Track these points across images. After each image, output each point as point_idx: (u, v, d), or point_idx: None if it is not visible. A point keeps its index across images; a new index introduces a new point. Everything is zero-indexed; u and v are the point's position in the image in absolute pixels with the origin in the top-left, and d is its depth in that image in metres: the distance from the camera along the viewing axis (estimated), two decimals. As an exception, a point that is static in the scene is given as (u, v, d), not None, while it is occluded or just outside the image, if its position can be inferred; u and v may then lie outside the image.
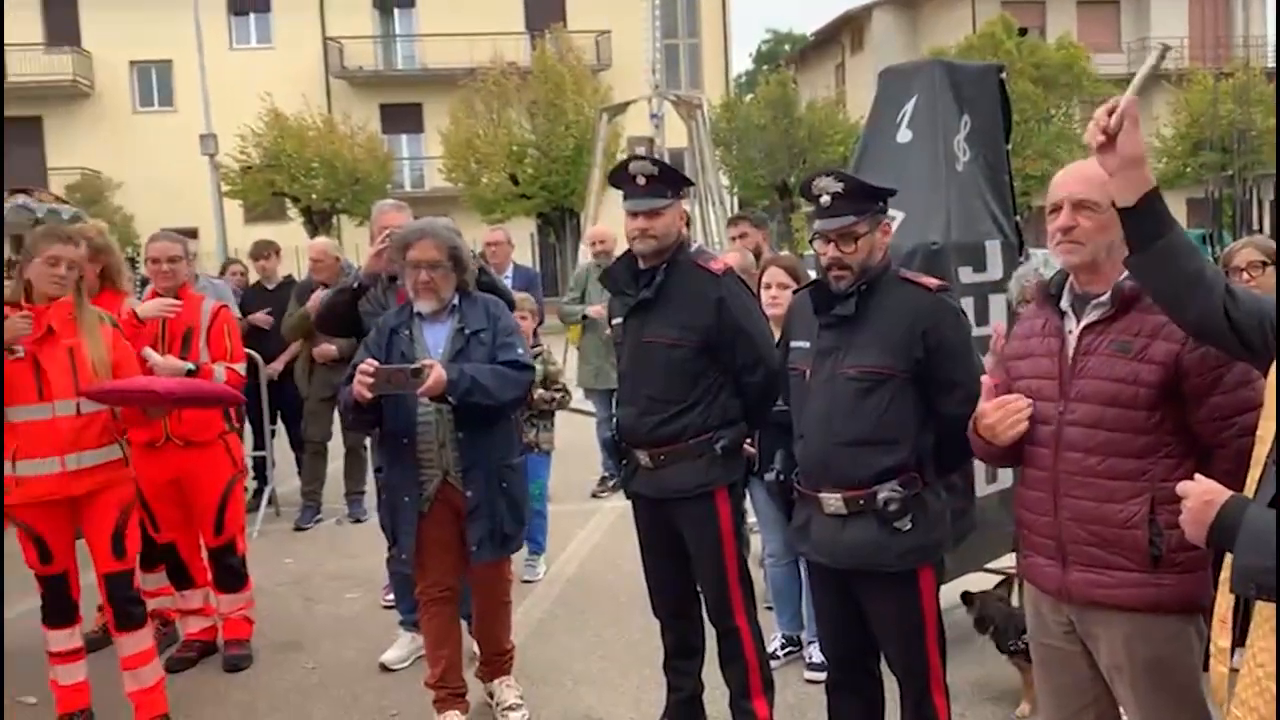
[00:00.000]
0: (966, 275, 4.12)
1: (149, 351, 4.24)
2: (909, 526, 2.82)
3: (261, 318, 7.28)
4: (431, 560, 3.76)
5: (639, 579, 3.75)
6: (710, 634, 3.62)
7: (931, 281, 2.98)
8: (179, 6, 25.11)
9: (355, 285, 4.38)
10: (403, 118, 32.35)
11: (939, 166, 4.12)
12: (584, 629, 5.00)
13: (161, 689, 3.95)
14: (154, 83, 31.91)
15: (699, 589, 3.59)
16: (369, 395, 3.45)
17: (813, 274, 3.24)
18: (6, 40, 30.58)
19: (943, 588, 3.03)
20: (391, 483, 3.76)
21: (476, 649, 4.19)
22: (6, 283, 3.74)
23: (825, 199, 2.83)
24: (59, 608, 3.82)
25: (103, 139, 30.71)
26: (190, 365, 4.31)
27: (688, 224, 3.86)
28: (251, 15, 32.10)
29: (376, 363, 3.48)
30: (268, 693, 4.39)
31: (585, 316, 7.33)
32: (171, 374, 4.17)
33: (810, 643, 4.31)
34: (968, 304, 3.99)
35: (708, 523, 3.43)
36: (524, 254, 23.05)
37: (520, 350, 3.76)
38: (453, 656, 3.86)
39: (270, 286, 7.69)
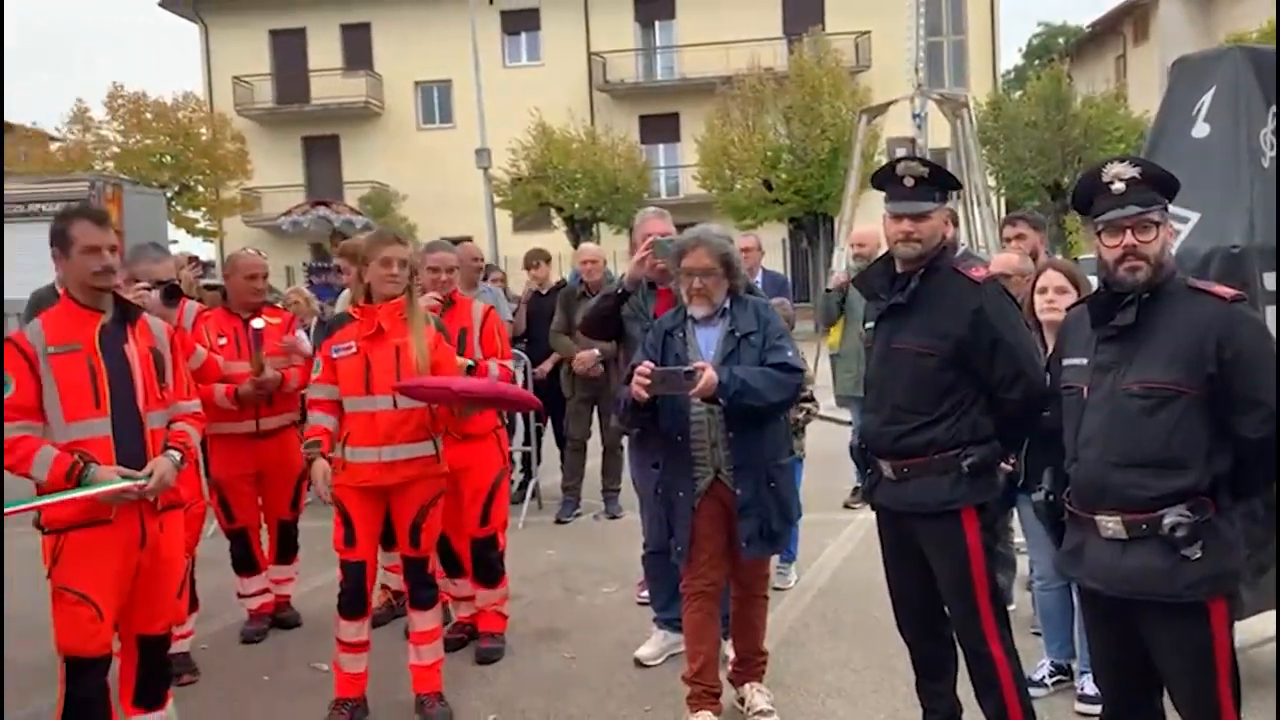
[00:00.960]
0: (1271, 282, 3.74)
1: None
2: (1199, 555, 2.60)
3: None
4: (700, 555, 3.85)
5: (894, 593, 3.65)
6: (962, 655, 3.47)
7: (1225, 290, 2.74)
8: (459, 29, 26.91)
9: (619, 291, 4.56)
10: (660, 127, 33.14)
11: (1241, 163, 3.78)
12: (836, 641, 4.92)
13: (438, 669, 4.23)
14: (435, 101, 34.32)
15: (946, 609, 3.45)
16: (645, 395, 3.59)
17: (1093, 280, 3.04)
18: (313, 67, 33.95)
19: (1238, 624, 2.76)
20: (666, 479, 3.89)
21: (729, 653, 4.22)
22: (342, 283, 4.11)
23: (1118, 185, 2.70)
24: (354, 599, 4.09)
25: (391, 155, 33.36)
26: (469, 362, 4.58)
27: (954, 225, 3.72)
28: (523, 35, 33.91)
29: (653, 365, 3.63)
30: (530, 676, 4.62)
31: (838, 299, 7.19)
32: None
33: (1083, 673, 4.04)
34: (1271, 313, 3.63)
35: (952, 543, 3.29)
36: (775, 259, 23.01)
37: (790, 353, 3.81)
38: (710, 653, 3.92)
39: (543, 292, 8.10)
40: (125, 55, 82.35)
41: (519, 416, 7.60)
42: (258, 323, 4.99)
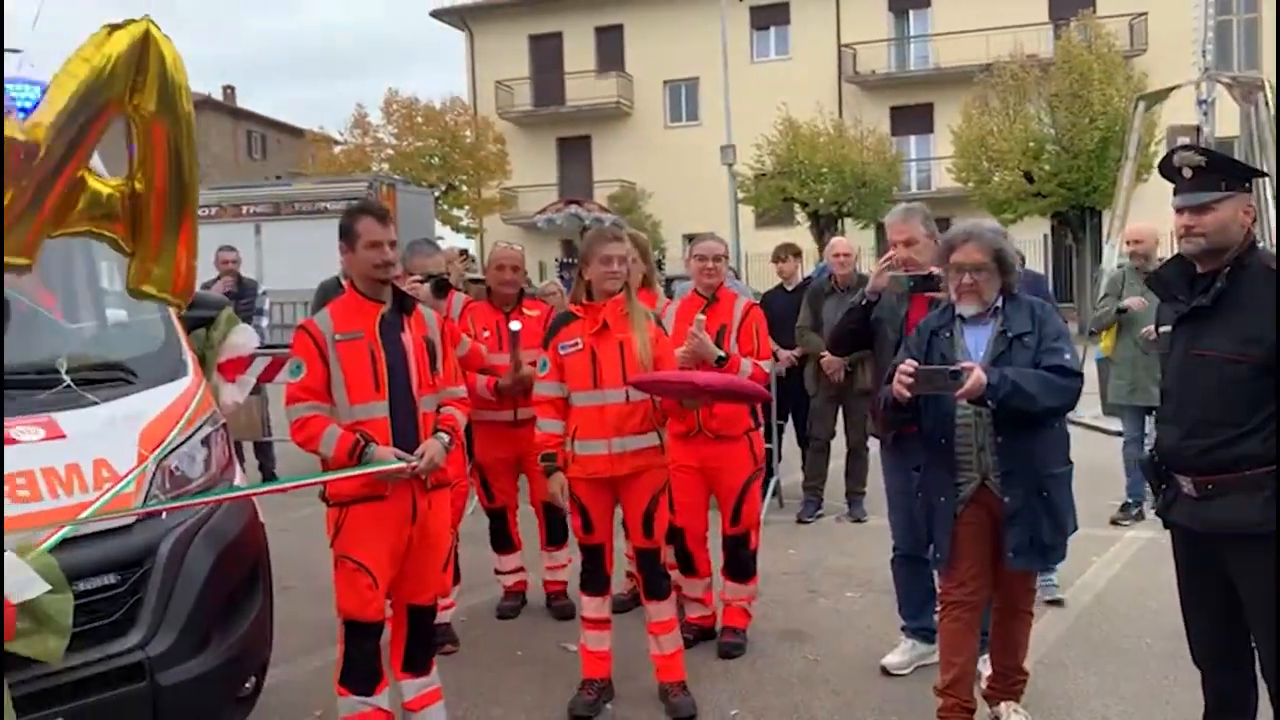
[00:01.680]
0: None
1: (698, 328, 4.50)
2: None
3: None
4: (961, 563, 3.68)
5: (1167, 620, 3.37)
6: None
7: None
8: (708, 27, 27.18)
9: (864, 302, 4.41)
10: (912, 119, 32.16)
11: None
12: (1101, 666, 4.58)
13: (679, 658, 4.28)
14: (683, 100, 34.83)
15: (1253, 642, 3.12)
16: (907, 395, 3.47)
17: None
18: (568, 70, 35.25)
19: None
20: (927, 482, 3.75)
21: (984, 669, 4.01)
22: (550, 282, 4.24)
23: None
24: (595, 577, 4.25)
25: (638, 153, 34.15)
26: (721, 354, 4.57)
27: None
28: (772, 29, 33.81)
29: (916, 363, 3.49)
30: (772, 676, 4.58)
31: (1121, 310, 6.73)
32: (706, 357, 4.47)
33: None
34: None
35: (1265, 571, 2.95)
36: (1035, 256, 21.76)
37: (1068, 355, 3.56)
38: (966, 666, 3.74)
39: (789, 288, 7.97)
40: (400, 63, 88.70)
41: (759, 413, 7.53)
42: (515, 325, 5.18)
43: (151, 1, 3.18)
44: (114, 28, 3.06)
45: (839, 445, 7.47)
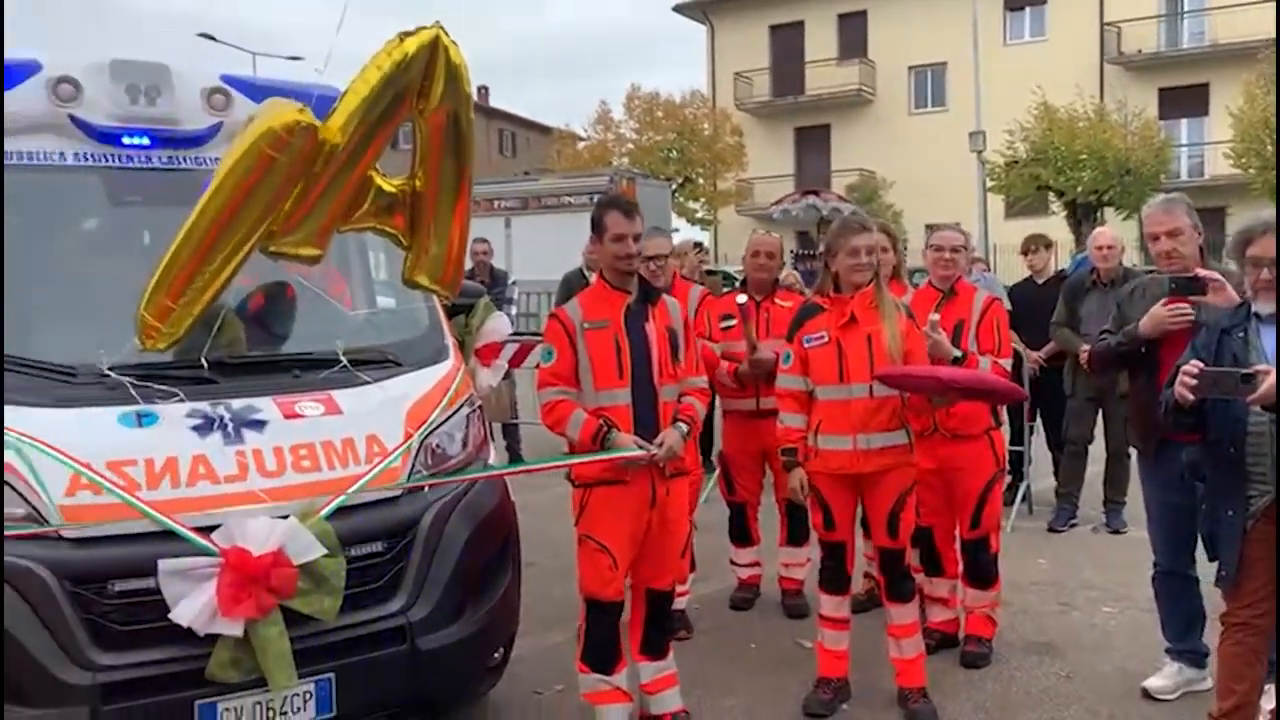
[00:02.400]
0: None
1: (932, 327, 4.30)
2: None
3: None
4: (1249, 583, 3.35)
5: None
6: None
7: None
8: (957, 11, 26.12)
9: (1142, 346, 4.02)
10: (1184, 100, 29.70)
11: None
12: None
13: (920, 664, 4.13)
14: (929, 85, 33.66)
15: None
16: (1191, 398, 3.18)
17: None
18: (809, 59, 34.86)
19: None
20: (1213, 492, 3.45)
21: (1267, 703, 3.63)
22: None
23: None
24: (835, 575, 4.15)
25: (879, 141, 33.31)
26: (958, 353, 4.36)
27: None
28: (1027, 10, 32.09)
29: (1201, 364, 3.20)
30: (1020, 689, 4.34)
31: None
32: (942, 356, 4.27)
33: None
34: None
35: None
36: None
37: None
38: (1249, 695, 3.40)
39: (1040, 281, 7.53)
40: (644, 59, 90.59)
41: (1007, 414, 7.15)
42: (741, 298, 5.14)
43: (410, 5, 3.35)
44: (406, 35, 3.28)
45: (1097, 450, 6.99)
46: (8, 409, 3.02)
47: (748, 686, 4.41)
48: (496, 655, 3.63)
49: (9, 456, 2.91)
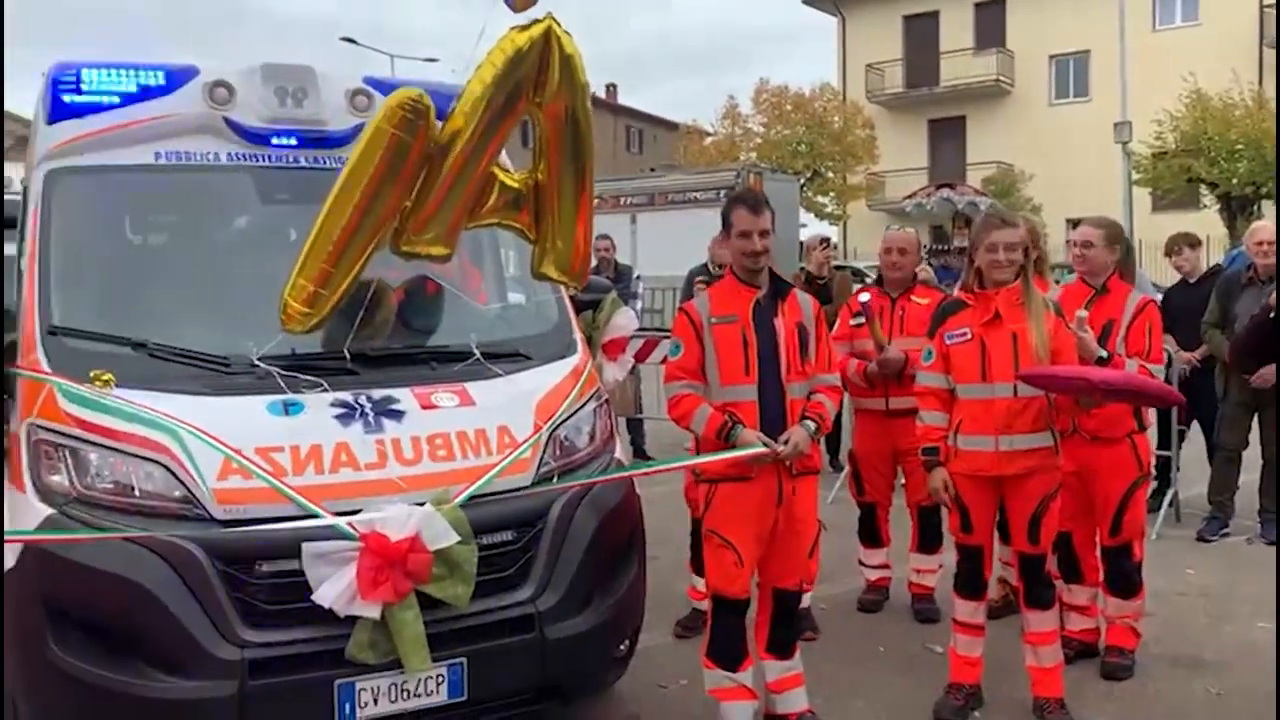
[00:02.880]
0: None
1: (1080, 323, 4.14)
2: None
3: None
4: None
5: None
6: None
7: None
8: (1103, -5, 24.99)
9: (1273, 315, 3.81)
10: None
11: None
12: None
13: (1058, 673, 3.98)
14: (1070, 74, 32.40)
15: None
16: None
17: None
18: (944, 49, 34.00)
19: None
20: None
21: None
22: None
23: None
24: (970, 579, 4.03)
25: (1018, 133, 32.23)
26: (1104, 354, 4.17)
27: None
28: (1178, -7, 30.55)
29: None
30: (1164, 705, 4.15)
31: None
32: (1086, 356, 4.08)
33: None
34: None
35: None
36: None
37: None
38: None
39: (1192, 281, 7.12)
40: (771, 53, 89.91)
41: (1155, 417, 6.81)
42: (864, 295, 5.03)
43: (541, 4, 3.41)
44: (520, 29, 3.33)
45: (1251, 456, 6.60)
46: (168, 396, 3.20)
47: (876, 689, 4.33)
48: (622, 647, 3.66)
49: (167, 440, 3.07)
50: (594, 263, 9.38)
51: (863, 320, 5.08)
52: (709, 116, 37.91)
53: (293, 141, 3.96)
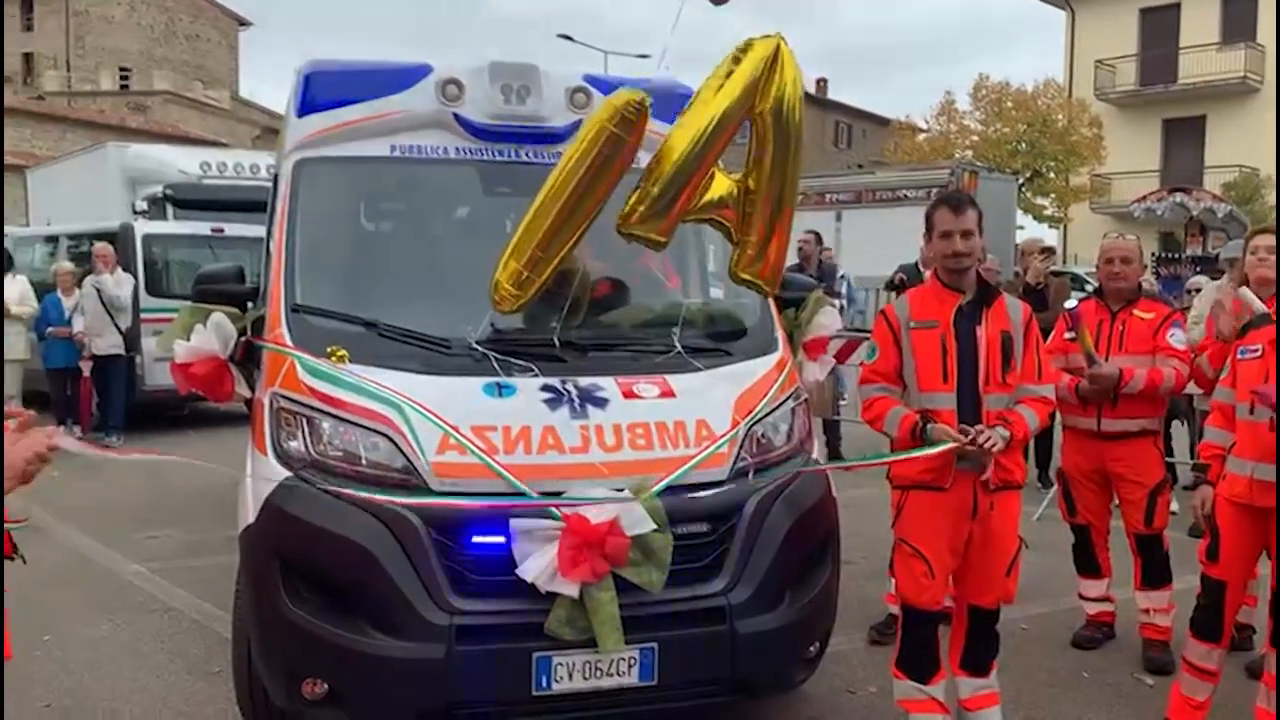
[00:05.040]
0: None
1: None
2: None
3: None
4: None
5: None
6: None
7: None
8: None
9: None
10: None
11: None
12: None
13: None
14: (1333, 70, 29.54)
15: None
16: None
17: None
18: (1184, 44, 31.76)
19: None
20: None
21: None
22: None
23: None
24: (1209, 617, 3.74)
25: (1265, 135, 29.62)
26: None
27: None
28: None
29: None
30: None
31: None
32: None
33: None
34: None
35: None
36: None
37: None
38: None
39: None
40: (991, 47, 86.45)
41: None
42: (1071, 302, 4.72)
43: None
44: (751, 42, 3.38)
45: None
46: (394, 373, 3.42)
47: (1078, 718, 4.12)
48: (812, 648, 3.64)
49: (392, 414, 3.29)
50: (798, 260, 9.39)
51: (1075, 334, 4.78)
52: (922, 112, 36.77)
53: (515, 137, 4.14)
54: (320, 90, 4.17)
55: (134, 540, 6.61)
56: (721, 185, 3.55)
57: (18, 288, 10.21)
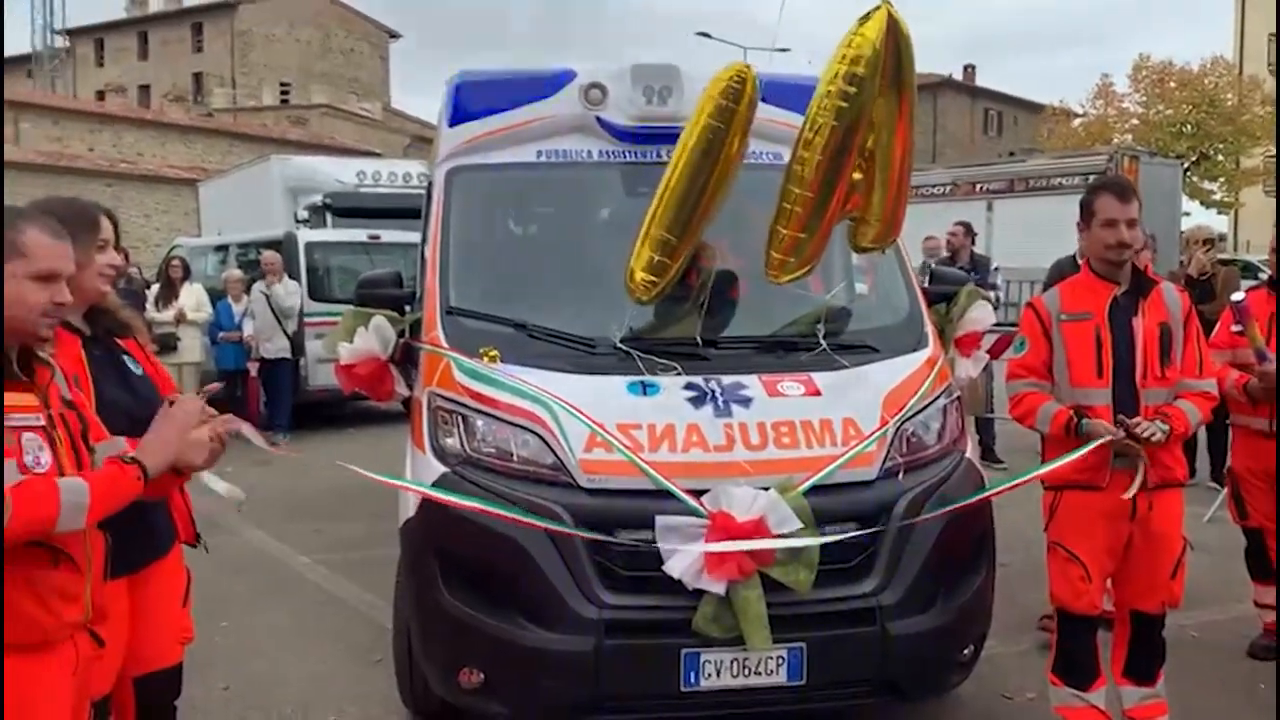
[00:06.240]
0: None
1: None
2: None
3: None
4: None
5: None
6: None
7: None
8: None
9: None
10: None
11: None
12: None
13: None
14: None
15: None
16: None
17: None
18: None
19: None
20: None
21: None
22: None
23: None
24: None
25: None
26: None
27: None
28: None
29: None
30: None
31: None
32: None
33: None
34: None
35: None
36: None
37: None
38: None
39: None
40: (1151, 25, 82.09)
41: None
42: (1238, 295, 4.41)
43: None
44: (863, 20, 3.32)
45: None
46: (542, 372, 3.51)
47: (1255, 732, 3.90)
48: (966, 652, 3.55)
49: (542, 412, 3.37)
50: (948, 254, 9.14)
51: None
52: (1077, 96, 35.29)
53: (658, 138, 4.18)
54: (469, 100, 4.31)
55: (301, 533, 6.97)
56: (855, 180, 3.53)
57: (194, 295, 10.87)
